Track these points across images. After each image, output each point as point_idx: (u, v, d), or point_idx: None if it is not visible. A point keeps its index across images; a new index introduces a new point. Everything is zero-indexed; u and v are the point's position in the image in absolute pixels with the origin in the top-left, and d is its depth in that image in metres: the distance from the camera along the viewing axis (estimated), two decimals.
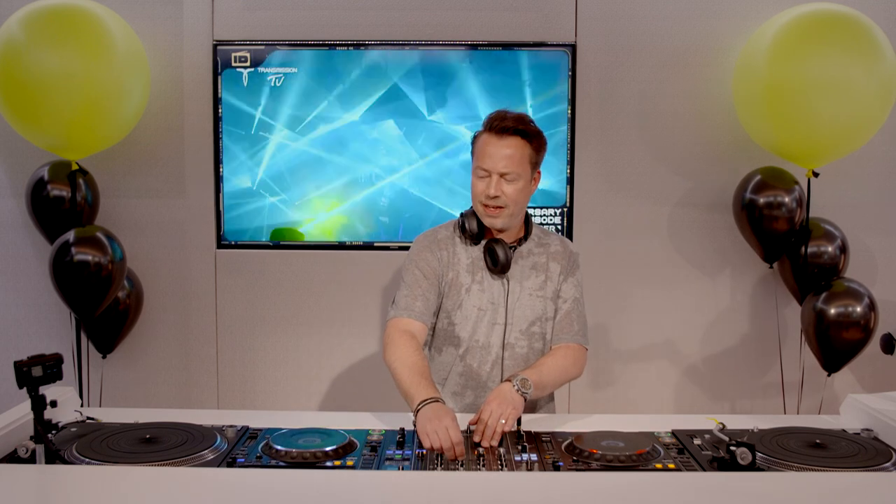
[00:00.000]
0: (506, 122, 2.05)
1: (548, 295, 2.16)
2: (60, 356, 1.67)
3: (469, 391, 2.16)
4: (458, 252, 2.17)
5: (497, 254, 2.09)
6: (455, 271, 2.15)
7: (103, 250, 3.00)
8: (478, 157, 2.08)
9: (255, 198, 3.31)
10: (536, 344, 2.16)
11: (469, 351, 2.14)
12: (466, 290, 2.14)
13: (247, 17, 3.25)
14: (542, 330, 2.16)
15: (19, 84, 2.78)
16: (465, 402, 2.16)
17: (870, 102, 2.83)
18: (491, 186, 2.04)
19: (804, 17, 2.91)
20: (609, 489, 1.52)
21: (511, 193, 2.05)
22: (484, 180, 2.06)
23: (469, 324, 2.14)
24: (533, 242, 2.20)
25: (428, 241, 2.20)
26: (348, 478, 1.57)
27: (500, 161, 2.04)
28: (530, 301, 2.15)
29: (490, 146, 2.05)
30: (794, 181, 3.12)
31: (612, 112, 3.30)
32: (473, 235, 2.14)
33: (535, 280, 2.16)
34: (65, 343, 3.23)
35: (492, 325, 2.14)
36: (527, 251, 2.18)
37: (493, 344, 2.13)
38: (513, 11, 3.25)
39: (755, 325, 3.38)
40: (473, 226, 2.12)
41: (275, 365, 3.39)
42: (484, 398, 2.05)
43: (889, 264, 3.36)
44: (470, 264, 2.15)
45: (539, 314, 2.15)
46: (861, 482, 1.56)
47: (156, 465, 1.63)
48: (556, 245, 2.22)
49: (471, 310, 2.13)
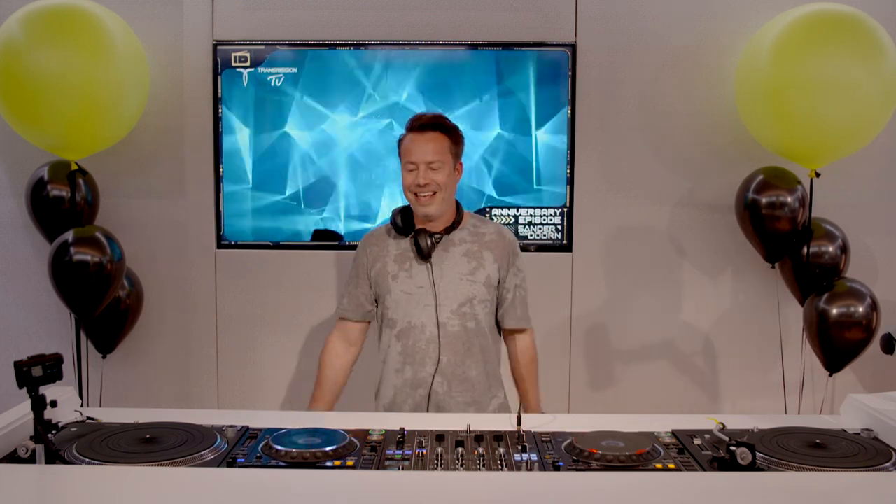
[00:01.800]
0: (424, 119, 2.32)
1: (479, 280, 2.33)
2: (60, 356, 1.67)
3: (408, 367, 2.33)
4: (389, 245, 2.40)
5: (419, 242, 2.30)
6: (383, 262, 2.38)
7: (102, 250, 3.00)
8: (405, 154, 2.31)
9: (255, 197, 3.31)
10: (469, 323, 2.33)
11: (403, 331, 2.34)
12: (393, 278, 2.35)
13: (247, 17, 3.25)
14: (473, 311, 2.33)
15: (19, 84, 2.78)
16: (405, 377, 2.33)
17: (872, 102, 2.83)
18: (419, 176, 2.27)
19: (807, 17, 2.91)
20: (609, 489, 1.52)
21: (439, 179, 2.28)
22: (413, 173, 2.28)
23: (399, 307, 2.34)
24: (465, 231, 2.38)
25: (364, 240, 2.49)
26: (348, 478, 1.57)
27: (426, 153, 2.27)
28: (459, 285, 2.32)
29: (414, 142, 2.30)
30: (796, 181, 3.11)
31: (612, 112, 3.30)
32: (400, 229, 2.36)
33: (465, 266, 2.33)
34: (65, 343, 3.23)
35: (423, 306, 2.32)
36: (458, 239, 2.36)
37: (427, 324, 2.31)
38: (513, 11, 3.25)
39: (756, 325, 3.37)
40: (399, 220, 2.36)
41: (275, 365, 3.39)
42: (423, 373, 2.31)
43: (890, 264, 3.36)
44: (398, 255, 2.37)
45: (468, 296, 2.32)
46: (861, 482, 1.56)
47: (156, 465, 1.62)
48: (491, 234, 2.39)
49: (398, 294, 2.34)
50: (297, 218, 3.32)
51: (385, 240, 2.42)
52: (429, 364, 2.31)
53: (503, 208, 3.29)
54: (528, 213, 3.29)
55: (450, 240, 2.35)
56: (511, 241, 2.42)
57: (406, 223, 2.35)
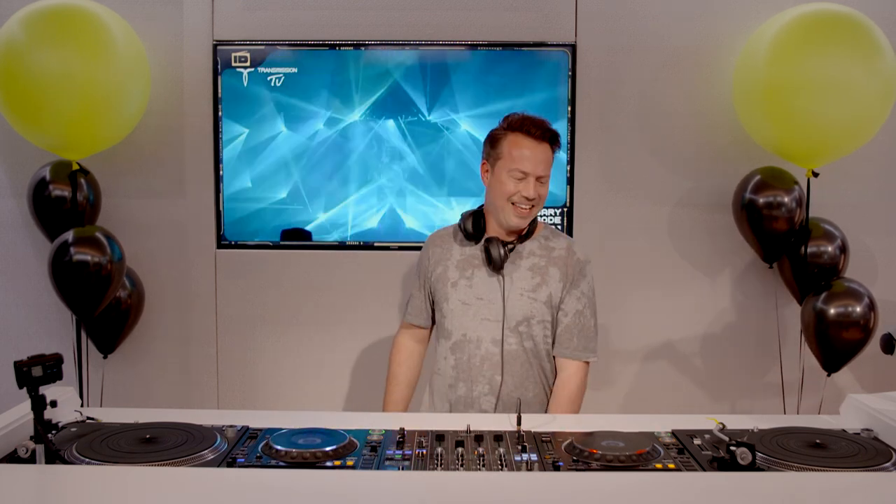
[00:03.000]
0: (542, 128, 2.15)
1: (540, 298, 2.18)
2: (60, 356, 1.66)
3: (461, 383, 2.21)
4: (454, 248, 2.27)
5: (490, 251, 2.16)
6: (444, 266, 2.25)
7: (102, 250, 3.00)
8: (514, 160, 2.13)
9: (255, 198, 3.31)
10: (526, 343, 2.19)
11: (458, 344, 2.21)
12: (452, 285, 2.22)
13: (247, 17, 3.25)
14: (530, 331, 2.19)
15: (20, 84, 2.78)
16: (458, 393, 2.21)
17: (870, 102, 2.83)
18: (530, 188, 2.12)
19: (804, 17, 2.91)
20: (609, 489, 1.52)
21: (544, 195, 2.17)
22: (520, 182, 2.13)
23: (455, 317, 2.21)
24: (536, 243, 2.23)
25: (428, 241, 2.36)
26: (348, 478, 1.57)
27: (541, 165, 2.13)
28: (520, 301, 2.18)
29: (528, 150, 2.13)
30: (793, 181, 3.12)
31: (612, 112, 3.30)
32: (471, 235, 2.22)
33: (529, 281, 2.19)
34: (65, 343, 3.23)
35: (480, 319, 2.19)
36: (527, 251, 2.21)
37: (483, 339, 2.18)
38: (513, 11, 3.25)
39: (755, 325, 3.37)
40: (469, 226, 2.21)
41: (275, 365, 3.39)
42: (477, 392, 2.17)
43: (889, 264, 3.36)
44: (461, 260, 2.24)
45: (527, 315, 2.18)
46: (861, 482, 1.56)
47: (156, 465, 1.62)
48: (560, 250, 2.23)
49: (456, 303, 2.21)
50: (297, 218, 3.32)
51: (450, 242, 2.29)
52: (482, 382, 2.18)
53: None
54: None
55: (519, 252, 2.21)
56: (580, 260, 2.22)
57: (477, 229, 2.21)
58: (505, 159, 2.15)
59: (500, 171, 2.16)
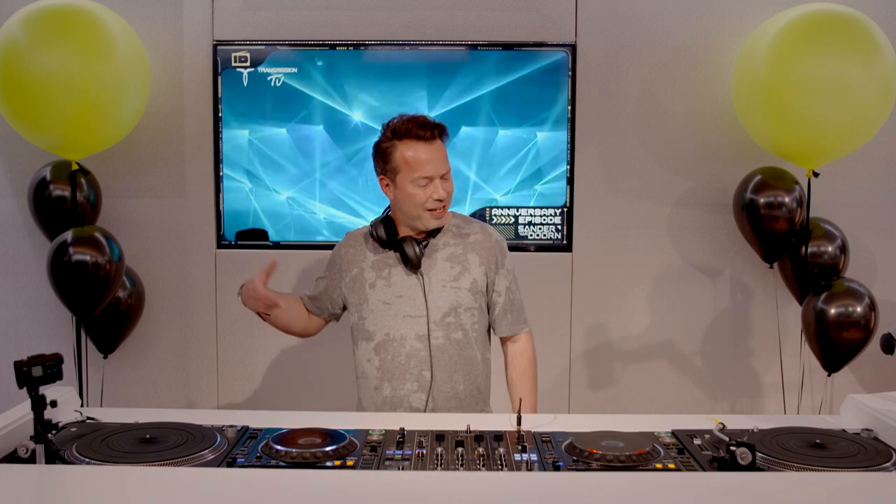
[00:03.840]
0: (428, 126, 2.12)
1: (464, 286, 2.18)
2: (60, 356, 1.67)
3: (386, 384, 2.19)
4: (367, 250, 2.26)
5: (406, 251, 2.15)
6: (360, 268, 2.24)
7: (101, 250, 3.00)
8: (413, 168, 2.10)
9: (255, 197, 3.31)
10: (454, 334, 2.17)
11: (381, 344, 2.19)
12: (370, 286, 2.21)
13: (247, 17, 3.26)
14: (459, 320, 2.18)
15: (19, 84, 2.78)
16: (383, 394, 2.19)
17: (870, 102, 2.83)
18: (439, 189, 2.11)
19: (804, 17, 2.91)
20: (609, 489, 1.52)
21: (451, 190, 2.16)
22: (426, 188, 2.11)
23: (376, 317, 2.19)
24: (449, 234, 2.24)
25: (343, 239, 2.35)
26: (348, 478, 1.57)
27: (441, 163, 2.12)
28: (443, 292, 2.17)
29: (424, 153, 2.11)
30: (794, 181, 3.12)
31: (612, 112, 3.30)
32: (384, 242, 2.20)
33: (449, 272, 2.19)
34: (65, 343, 3.23)
35: (402, 317, 2.17)
36: (442, 243, 2.22)
37: (407, 336, 2.17)
38: (513, 11, 3.25)
39: (755, 325, 3.37)
40: (382, 233, 2.19)
41: (275, 365, 3.39)
42: (402, 390, 2.16)
43: (889, 264, 3.36)
44: (376, 261, 2.23)
45: (453, 304, 2.17)
46: (861, 482, 1.56)
47: (156, 465, 1.62)
48: (476, 235, 2.24)
49: (376, 304, 2.19)
50: (298, 218, 3.32)
51: (362, 244, 2.27)
52: (409, 380, 2.16)
53: (503, 208, 3.29)
54: (527, 213, 3.29)
55: (434, 245, 2.21)
56: (498, 240, 2.25)
57: (390, 235, 2.19)
58: (404, 171, 2.12)
59: (402, 182, 2.12)
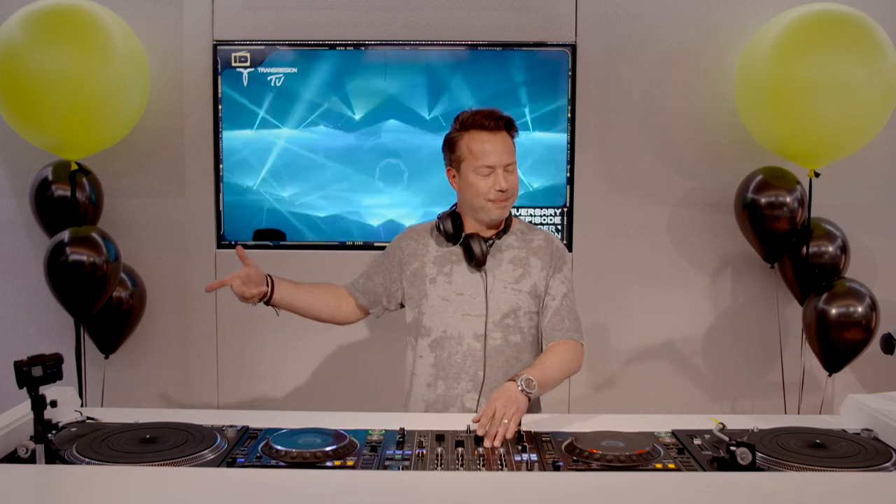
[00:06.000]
0: (494, 117, 2.14)
1: (524, 289, 2.17)
2: (60, 356, 1.67)
3: (441, 381, 2.16)
4: (430, 245, 2.24)
5: (472, 247, 2.14)
6: (421, 262, 2.23)
7: (98, 250, 2.99)
8: (476, 157, 2.12)
9: (255, 198, 3.31)
10: (513, 337, 2.16)
11: (438, 341, 2.17)
12: (431, 281, 2.19)
13: (247, 17, 3.25)
14: (518, 323, 2.16)
15: (18, 84, 2.78)
16: (437, 392, 2.17)
17: (872, 102, 2.83)
18: (501, 180, 2.11)
19: (806, 17, 2.91)
20: (609, 489, 1.52)
21: (514, 183, 2.15)
22: (489, 178, 2.11)
23: (435, 314, 2.18)
24: (514, 237, 2.23)
25: (403, 233, 2.33)
26: (348, 478, 1.57)
27: (504, 154, 2.12)
28: (504, 293, 2.16)
29: (488, 143, 2.12)
30: (795, 181, 3.12)
31: (612, 112, 3.30)
32: (450, 236, 2.19)
33: (511, 273, 2.18)
34: (66, 343, 3.22)
35: (461, 315, 2.16)
36: (506, 245, 2.21)
37: (464, 335, 2.15)
38: (513, 11, 3.25)
39: (756, 326, 3.37)
40: (449, 227, 2.18)
41: (275, 365, 3.39)
42: (457, 389, 2.13)
43: (890, 264, 3.36)
44: (438, 256, 2.21)
45: (514, 306, 2.16)
46: (861, 482, 1.56)
47: (156, 465, 1.62)
48: (539, 240, 2.24)
49: (435, 300, 2.18)
50: (298, 218, 3.32)
51: (426, 238, 2.26)
52: (464, 380, 2.14)
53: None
54: (528, 213, 3.29)
55: (498, 246, 2.20)
56: (559, 247, 2.24)
57: (456, 229, 2.18)
58: (468, 160, 2.13)
59: (466, 172, 2.14)
